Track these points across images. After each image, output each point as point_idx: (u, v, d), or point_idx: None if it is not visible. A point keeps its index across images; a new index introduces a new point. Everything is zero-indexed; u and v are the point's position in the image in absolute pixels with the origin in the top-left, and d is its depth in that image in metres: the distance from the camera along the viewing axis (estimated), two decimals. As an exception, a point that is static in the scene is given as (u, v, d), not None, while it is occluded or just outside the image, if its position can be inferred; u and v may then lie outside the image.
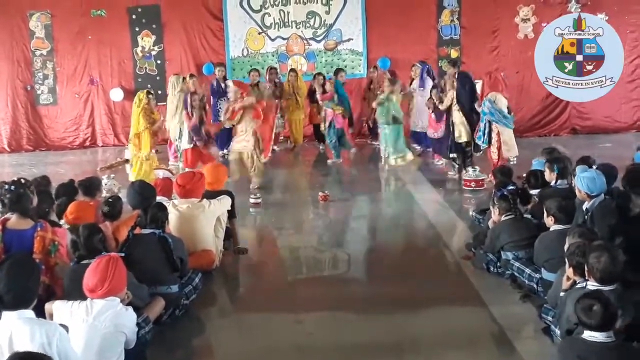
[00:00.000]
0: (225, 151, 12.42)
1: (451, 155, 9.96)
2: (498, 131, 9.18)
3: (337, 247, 7.32)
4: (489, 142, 9.27)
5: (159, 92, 13.65)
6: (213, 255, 6.18)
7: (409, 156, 10.68)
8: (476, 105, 9.50)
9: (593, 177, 5.46)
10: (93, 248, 4.68)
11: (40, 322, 3.58)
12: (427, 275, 6.21)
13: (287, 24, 14.70)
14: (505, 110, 9.27)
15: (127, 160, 11.13)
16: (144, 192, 5.97)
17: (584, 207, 5.51)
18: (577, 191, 5.59)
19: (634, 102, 14.36)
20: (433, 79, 11.82)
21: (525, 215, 6.09)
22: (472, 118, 9.62)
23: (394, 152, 10.55)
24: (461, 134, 9.66)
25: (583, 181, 5.47)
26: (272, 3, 14.60)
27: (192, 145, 10.08)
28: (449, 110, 9.87)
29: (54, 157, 13.76)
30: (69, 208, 5.90)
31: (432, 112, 10.82)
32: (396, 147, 10.54)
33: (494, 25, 14.32)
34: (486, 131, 9.21)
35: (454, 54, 14.38)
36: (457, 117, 9.69)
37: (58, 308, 4.27)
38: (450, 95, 9.68)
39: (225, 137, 12.19)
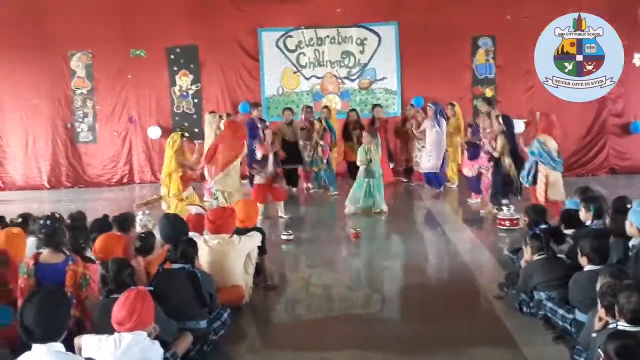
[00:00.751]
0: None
1: (504, 202, 9.67)
2: (546, 173, 9.08)
3: (368, 286, 7.28)
4: (534, 182, 9.16)
5: (196, 130, 13.91)
6: (242, 291, 6.17)
7: (385, 208, 10.59)
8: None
9: None
10: (122, 282, 4.71)
11: (68, 357, 3.59)
12: (460, 315, 6.12)
13: (322, 63, 14.89)
14: (555, 154, 9.19)
15: (162, 197, 11.26)
16: (176, 226, 6.03)
17: (631, 243, 5.39)
18: (627, 224, 5.46)
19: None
20: (446, 119, 11.96)
21: (558, 255, 5.98)
22: (517, 161, 9.60)
23: (382, 202, 10.55)
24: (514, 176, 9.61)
25: (637, 216, 5.36)
26: (307, 43, 14.81)
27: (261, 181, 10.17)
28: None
29: (92, 194, 14.00)
30: (97, 242, 5.92)
31: (467, 150, 10.79)
32: (377, 200, 10.53)
33: (529, 65, 14.23)
34: (532, 171, 9.12)
35: (488, 93, 14.39)
36: (508, 161, 9.62)
37: (86, 342, 4.31)
38: (502, 140, 9.59)
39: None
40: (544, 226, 6.45)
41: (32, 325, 3.51)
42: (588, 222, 6.36)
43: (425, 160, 12.05)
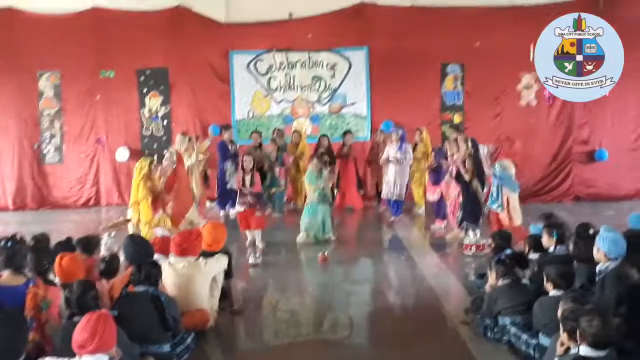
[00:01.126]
0: (231, 210, 12.51)
1: (474, 228, 9.71)
2: (507, 197, 9.19)
3: (336, 310, 7.23)
4: (503, 207, 9.26)
5: (165, 152, 13.78)
6: (207, 315, 6.12)
7: (333, 237, 10.40)
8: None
9: (615, 240, 5.41)
10: (85, 305, 4.64)
11: None
12: (425, 340, 6.14)
13: (292, 87, 14.92)
14: (514, 178, 9.34)
15: (129, 220, 11.16)
16: (140, 247, 5.97)
17: (598, 268, 5.45)
18: (595, 250, 5.52)
19: (637, 170, 14.40)
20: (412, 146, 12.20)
21: (522, 281, 6.03)
22: (482, 185, 9.73)
23: (330, 230, 10.37)
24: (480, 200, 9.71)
25: (605, 241, 5.42)
26: (278, 67, 14.85)
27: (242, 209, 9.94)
28: (458, 176, 9.89)
29: (58, 216, 13.79)
30: (57, 263, 5.75)
31: (429, 174, 10.95)
32: (328, 227, 10.35)
33: (497, 92, 14.48)
34: (500, 196, 9.23)
35: (457, 119, 14.54)
36: (475, 184, 9.72)
37: (47, 366, 4.23)
38: (469, 163, 9.69)
39: (231, 198, 12.34)
40: (508, 251, 6.50)
41: (-11, 348, 3.46)
42: (551, 248, 6.43)
43: (391, 187, 12.10)
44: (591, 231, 6.07)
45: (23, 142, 14.91)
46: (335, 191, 13.49)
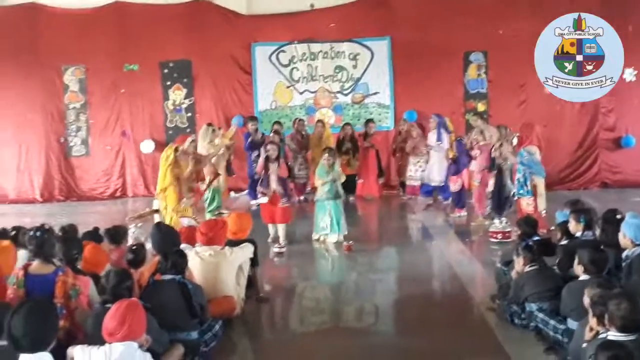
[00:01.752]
0: (254, 202, 12.55)
1: (503, 217, 9.62)
2: (535, 184, 9.14)
3: (361, 299, 7.25)
4: (532, 193, 9.21)
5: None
6: (234, 302, 6.16)
7: (342, 238, 9.47)
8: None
9: None
10: (119, 294, 4.69)
11: None
12: (452, 327, 6.14)
13: (315, 77, 14.92)
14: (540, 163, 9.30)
15: (156, 211, 11.23)
16: (168, 236, 6.02)
17: (624, 254, 5.42)
18: (621, 236, 5.48)
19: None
20: (448, 132, 11.81)
21: (549, 267, 5.99)
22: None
23: (339, 228, 9.50)
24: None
25: (631, 227, 5.38)
26: (300, 58, 14.85)
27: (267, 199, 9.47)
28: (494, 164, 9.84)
29: (85, 207, 13.94)
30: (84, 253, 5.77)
31: (450, 165, 10.95)
32: (341, 223, 9.53)
33: (521, 79, 14.33)
34: (528, 182, 9.17)
35: (481, 107, 14.45)
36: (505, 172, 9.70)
37: (78, 353, 4.29)
38: (506, 147, 9.64)
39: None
40: (536, 238, 6.46)
41: (19, 335, 3.52)
42: (578, 234, 6.39)
43: (435, 173, 12.13)
44: (618, 216, 6.01)
45: (50, 135, 15.10)
46: (358, 180, 13.49)
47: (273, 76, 14.90)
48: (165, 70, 14.97)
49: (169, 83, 15.02)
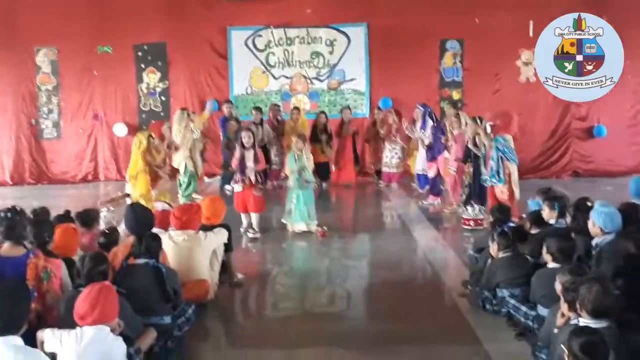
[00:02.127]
0: (228, 187, 12.52)
1: (480, 206, 9.57)
2: (509, 171, 9.20)
3: (334, 284, 7.27)
4: (504, 181, 9.26)
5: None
6: (208, 286, 6.15)
7: (315, 228, 9.32)
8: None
9: (611, 214, 5.41)
10: (94, 278, 4.63)
11: (25, 351, 3.55)
12: (424, 313, 6.18)
13: (291, 63, 14.86)
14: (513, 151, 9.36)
15: (127, 195, 11.15)
16: (142, 216, 5.96)
17: (594, 242, 5.47)
18: (590, 224, 5.53)
19: (635, 146, 14.43)
20: (434, 121, 11.62)
21: (523, 254, 6.04)
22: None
23: (310, 218, 9.29)
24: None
25: (600, 216, 5.42)
26: (276, 43, 14.78)
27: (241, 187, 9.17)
28: (469, 155, 9.86)
29: (56, 191, 13.78)
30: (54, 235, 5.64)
31: (426, 152, 10.98)
32: (311, 212, 9.33)
33: (496, 68, 14.44)
34: (501, 169, 9.22)
35: (456, 95, 14.52)
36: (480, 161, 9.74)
37: (48, 336, 4.24)
38: (486, 138, 9.65)
39: (232, 174, 12.33)
40: (511, 224, 6.50)
41: (-9, 317, 3.47)
42: (552, 221, 6.45)
43: (421, 163, 12.07)
44: (589, 203, 6.08)
45: (21, 117, 14.92)
46: (333, 167, 13.52)
47: (249, 61, 14.82)
48: (140, 53, 14.81)
49: (143, 66, 14.87)
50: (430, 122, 11.61)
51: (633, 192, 6.92)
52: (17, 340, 3.56)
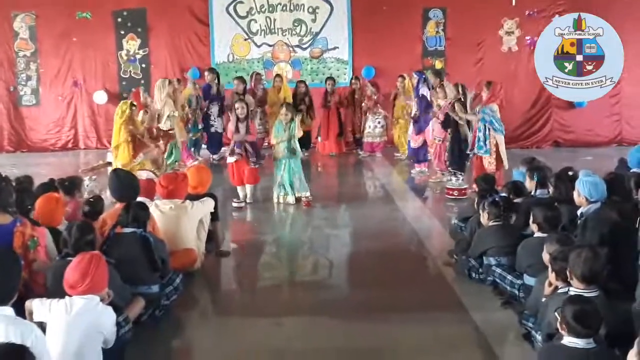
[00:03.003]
0: (215, 156, 12.54)
1: (460, 173, 9.75)
2: (497, 141, 9.22)
3: (319, 253, 7.32)
4: (490, 152, 9.28)
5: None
6: (195, 254, 6.15)
7: (308, 194, 9.28)
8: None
9: (596, 183, 5.46)
10: (81, 248, 4.58)
11: (16, 322, 3.51)
12: (409, 282, 6.22)
13: (273, 30, 14.73)
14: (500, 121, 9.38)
15: (109, 163, 11.04)
16: (126, 182, 5.93)
17: (579, 211, 5.52)
18: (575, 194, 5.58)
19: (615, 116, 14.53)
20: (429, 89, 11.21)
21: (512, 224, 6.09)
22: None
23: (302, 188, 9.25)
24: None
25: (585, 185, 5.46)
26: (258, 10, 14.62)
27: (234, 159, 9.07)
28: (449, 121, 9.86)
29: (35, 159, 13.62)
30: (37, 204, 5.60)
31: (413, 124, 10.96)
32: (302, 181, 9.29)
33: (479, 37, 14.43)
34: (488, 140, 9.23)
35: (438, 64, 14.49)
36: (465, 129, 9.73)
37: (37, 306, 4.20)
38: (459, 106, 9.62)
39: (217, 141, 12.34)
40: (503, 194, 6.52)
41: (-18, 288, 3.43)
42: (532, 192, 6.50)
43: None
44: (571, 173, 6.13)
45: (-1, 83, 14.66)
46: (319, 138, 13.49)
47: (230, 28, 14.67)
48: (119, 19, 14.58)
49: (122, 32, 14.66)
50: (425, 89, 11.24)
51: (634, 163, 6.94)
52: (8, 310, 3.52)
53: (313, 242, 7.71)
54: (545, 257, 4.54)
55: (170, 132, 10.52)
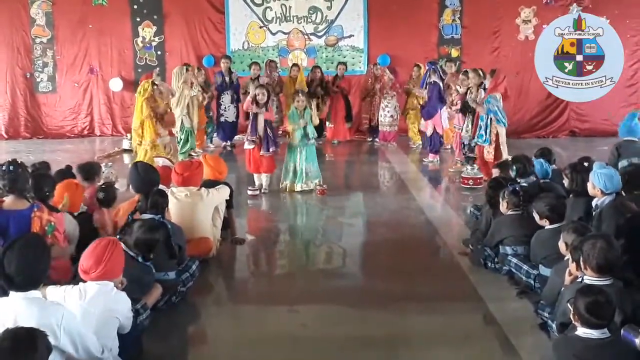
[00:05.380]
0: (228, 143, 12.54)
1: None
2: (497, 131, 9.17)
3: (334, 241, 7.32)
4: (490, 141, 9.23)
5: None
6: (211, 243, 6.16)
7: (321, 182, 9.27)
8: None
9: (611, 175, 5.41)
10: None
11: (46, 304, 3.54)
12: (424, 271, 6.20)
13: (288, 18, 14.70)
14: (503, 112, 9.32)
15: (124, 150, 11.08)
16: (146, 174, 5.94)
17: (594, 203, 5.49)
18: (590, 186, 5.54)
19: (632, 106, 14.36)
20: (442, 79, 11.20)
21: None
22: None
23: (315, 175, 9.22)
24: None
25: (600, 178, 5.42)
26: (273, -3, 14.59)
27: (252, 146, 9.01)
28: (467, 110, 9.82)
29: (51, 145, 13.73)
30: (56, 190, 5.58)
31: (421, 110, 10.95)
32: (314, 169, 9.24)
33: (496, 25, 14.34)
34: (488, 130, 9.18)
35: (454, 53, 14.41)
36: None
37: (51, 292, 4.21)
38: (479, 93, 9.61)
39: (229, 129, 12.34)
40: (524, 184, 6.48)
41: (13, 273, 3.44)
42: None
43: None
44: (585, 164, 6.09)
45: (15, 70, 14.77)
46: (328, 124, 13.46)
47: (246, 15, 14.67)
48: (135, 6, 14.61)
49: (138, 19, 14.68)
50: (436, 77, 11.11)
51: (624, 132, 6.98)
52: (37, 294, 3.55)
53: (328, 231, 7.71)
54: (562, 246, 4.51)
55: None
